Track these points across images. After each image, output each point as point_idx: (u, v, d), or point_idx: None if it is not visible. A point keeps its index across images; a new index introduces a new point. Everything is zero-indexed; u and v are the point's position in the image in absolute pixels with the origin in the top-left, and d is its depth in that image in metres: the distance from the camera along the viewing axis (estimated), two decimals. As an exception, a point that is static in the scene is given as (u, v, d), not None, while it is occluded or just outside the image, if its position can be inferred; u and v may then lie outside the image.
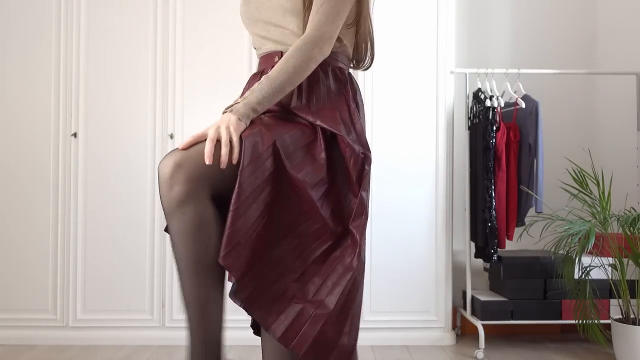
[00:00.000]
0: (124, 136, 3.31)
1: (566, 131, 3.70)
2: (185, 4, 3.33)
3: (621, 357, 2.89)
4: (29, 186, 3.30)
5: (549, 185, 3.32)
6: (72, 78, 3.31)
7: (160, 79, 3.32)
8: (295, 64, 1.51)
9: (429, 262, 3.30)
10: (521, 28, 3.79)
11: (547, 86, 3.66)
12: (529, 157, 3.26)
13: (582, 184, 3.02)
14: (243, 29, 3.32)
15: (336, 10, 1.56)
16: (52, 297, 3.29)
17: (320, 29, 1.55)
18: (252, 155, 1.42)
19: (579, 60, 3.74)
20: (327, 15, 1.55)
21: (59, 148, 3.30)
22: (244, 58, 3.33)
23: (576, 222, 2.99)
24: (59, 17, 3.31)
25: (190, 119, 3.32)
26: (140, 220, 3.29)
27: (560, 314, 3.26)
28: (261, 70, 1.69)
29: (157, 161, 3.30)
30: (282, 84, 1.50)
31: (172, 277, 3.29)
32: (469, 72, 3.39)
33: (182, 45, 3.32)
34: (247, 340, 3.29)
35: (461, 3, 3.72)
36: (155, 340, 3.28)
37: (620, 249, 2.93)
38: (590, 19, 3.78)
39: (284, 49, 1.64)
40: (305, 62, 1.52)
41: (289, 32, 1.63)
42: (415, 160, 3.31)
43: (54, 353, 3.13)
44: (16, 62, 3.32)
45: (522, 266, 3.29)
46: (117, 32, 3.33)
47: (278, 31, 1.65)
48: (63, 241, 3.29)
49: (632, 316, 2.93)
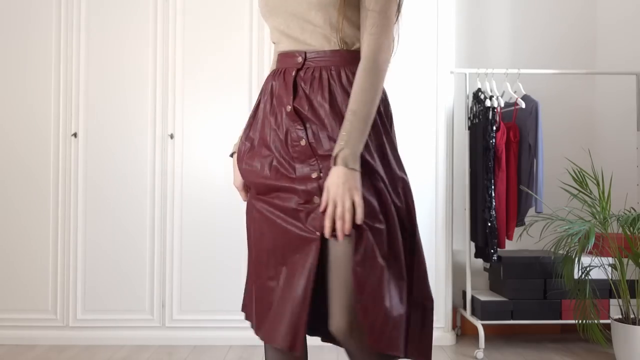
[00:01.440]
0: (124, 136, 3.31)
1: (566, 131, 3.70)
2: (185, 4, 3.33)
3: (621, 357, 2.89)
4: (29, 186, 3.30)
5: (549, 185, 3.32)
6: (72, 78, 3.31)
7: (161, 79, 3.32)
8: (373, 88, 1.48)
9: (429, 262, 3.27)
10: (521, 28, 3.79)
11: (547, 86, 3.66)
12: (529, 157, 3.26)
13: (582, 184, 3.02)
14: (244, 29, 3.33)
15: (387, 14, 1.50)
16: (52, 297, 3.29)
17: (377, 41, 1.49)
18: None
19: (579, 60, 3.74)
20: (380, 25, 1.49)
21: (59, 148, 3.30)
22: (245, 58, 3.32)
23: (576, 222, 2.99)
24: (59, 18, 3.31)
25: (190, 119, 3.32)
26: (140, 220, 3.29)
27: (560, 314, 3.26)
28: (282, 69, 1.58)
29: (157, 161, 3.30)
30: (370, 114, 1.46)
31: (172, 277, 3.29)
32: (469, 72, 3.40)
33: (182, 45, 3.32)
34: (247, 340, 3.30)
35: (461, 3, 3.72)
36: (155, 340, 3.28)
37: (620, 249, 2.93)
38: (590, 19, 3.78)
39: (306, 49, 1.54)
40: (379, 80, 1.50)
41: (311, 28, 1.52)
42: (415, 160, 3.31)
43: (54, 353, 3.13)
44: (16, 63, 3.32)
45: (522, 266, 3.29)
46: (118, 32, 3.33)
47: (299, 26, 1.54)
48: (63, 241, 3.29)
49: (632, 316, 2.93)
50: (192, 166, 3.32)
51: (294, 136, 1.48)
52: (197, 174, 3.32)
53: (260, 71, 3.31)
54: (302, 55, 1.54)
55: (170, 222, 3.30)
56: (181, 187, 3.31)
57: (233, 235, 3.28)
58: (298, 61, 1.54)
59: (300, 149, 1.47)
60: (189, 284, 3.29)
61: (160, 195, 3.30)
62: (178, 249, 3.29)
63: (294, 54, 1.56)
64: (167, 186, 3.31)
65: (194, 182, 3.31)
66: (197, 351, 3.18)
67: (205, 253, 3.30)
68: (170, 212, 3.30)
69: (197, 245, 3.30)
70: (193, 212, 3.30)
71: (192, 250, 3.30)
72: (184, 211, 3.30)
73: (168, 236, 3.30)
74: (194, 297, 3.29)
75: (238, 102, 3.32)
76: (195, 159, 3.32)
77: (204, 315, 3.28)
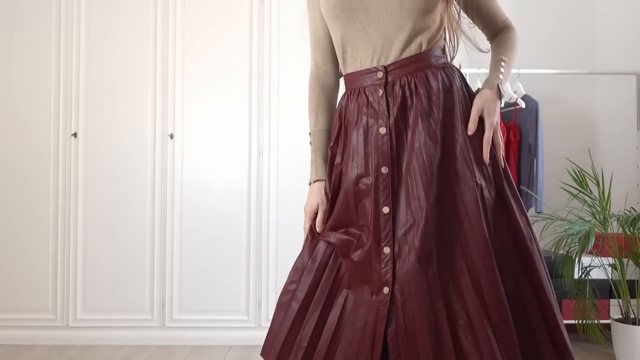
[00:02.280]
0: (124, 136, 3.31)
1: (566, 131, 3.70)
2: (185, 4, 3.33)
3: (621, 357, 2.89)
4: (30, 186, 3.30)
5: (549, 185, 3.32)
6: (73, 78, 3.31)
7: (161, 79, 3.32)
8: (516, 53, 1.74)
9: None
10: (521, 28, 3.76)
11: (547, 86, 3.66)
12: (529, 157, 3.26)
13: (582, 184, 3.02)
14: (244, 30, 3.32)
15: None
16: (52, 297, 3.29)
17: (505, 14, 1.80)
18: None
19: (579, 61, 3.74)
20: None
21: (59, 148, 3.30)
22: (245, 58, 3.32)
23: (576, 222, 2.99)
24: (59, 18, 3.31)
25: (190, 119, 3.32)
26: (140, 220, 3.29)
27: (560, 314, 3.26)
28: (361, 97, 1.48)
29: (157, 161, 3.30)
30: (511, 71, 1.67)
31: (172, 277, 3.29)
32: (469, 72, 3.39)
33: (182, 45, 3.32)
34: (247, 340, 3.30)
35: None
36: (155, 340, 3.28)
37: (620, 249, 2.93)
38: (590, 19, 3.78)
39: (384, 61, 1.46)
40: (518, 48, 1.76)
41: (393, 38, 1.46)
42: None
43: (54, 353, 3.13)
44: (17, 63, 3.32)
45: (522, 266, 3.28)
46: (117, 32, 3.33)
47: (380, 35, 1.46)
48: (63, 241, 3.29)
49: (632, 316, 2.93)
50: (192, 166, 3.32)
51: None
52: (197, 174, 3.32)
53: (260, 71, 3.31)
54: (382, 71, 1.51)
55: (170, 222, 3.30)
56: (181, 187, 3.31)
57: (233, 234, 3.28)
58: (379, 78, 1.50)
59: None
60: (189, 284, 3.29)
61: (160, 195, 3.30)
62: (178, 248, 3.29)
63: (371, 72, 1.54)
64: (167, 186, 3.31)
65: (194, 182, 3.31)
66: (197, 351, 3.18)
67: (205, 253, 3.30)
68: (170, 212, 3.30)
69: (197, 245, 3.30)
70: (193, 212, 3.30)
71: (192, 250, 3.30)
72: (184, 211, 3.30)
73: (168, 236, 3.30)
74: (194, 297, 3.29)
75: (238, 102, 3.32)
76: (195, 159, 3.32)
77: (204, 315, 3.28)
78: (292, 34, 3.27)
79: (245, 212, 3.30)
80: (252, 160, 3.32)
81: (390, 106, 1.45)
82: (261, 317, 3.25)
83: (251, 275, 3.29)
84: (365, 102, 1.48)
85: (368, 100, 1.48)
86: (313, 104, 1.63)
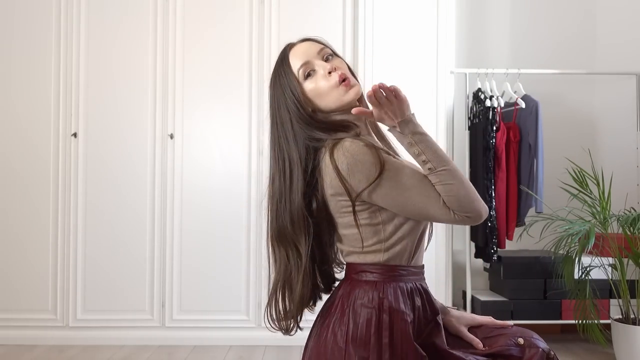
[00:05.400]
0: (124, 136, 3.31)
1: (566, 131, 3.70)
2: (185, 4, 3.33)
3: (621, 357, 2.89)
4: (30, 186, 3.30)
5: (549, 185, 3.32)
6: (72, 78, 3.31)
7: (161, 79, 3.32)
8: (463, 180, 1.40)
9: (429, 262, 3.29)
10: (521, 28, 3.79)
11: (547, 86, 3.66)
12: (529, 157, 3.26)
13: (582, 184, 3.02)
14: (244, 30, 3.32)
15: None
16: (52, 297, 3.29)
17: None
18: None
19: (579, 61, 3.74)
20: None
21: (59, 148, 3.30)
22: (244, 59, 3.32)
23: (576, 222, 2.99)
24: (59, 18, 3.31)
25: (190, 119, 3.32)
26: (140, 220, 3.29)
27: (560, 314, 3.26)
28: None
29: (157, 161, 3.30)
30: (446, 158, 1.41)
31: (172, 277, 3.29)
32: (469, 72, 3.40)
33: (182, 46, 3.32)
34: (247, 340, 3.31)
35: (461, 3, 3.72)
36: (155, 340, 3.28)
37: (620, 249, 2.93)
38: (590, 19, 3.78)
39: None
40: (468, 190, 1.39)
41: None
42: (415, 160, 3.30)
43: (54, 353, 3.13)
44: (17, 63, 3.32)
45: (522, 266, 3.29)
46: (118, 32, 3.33)
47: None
48: (63, 241, 3.29)
49: (632, 316, 2.93)
50: (192, 166, 3.32)
51: None
52: (197, 174, 3.32)
53: (260, 71, 3.31)
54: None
55: (170, 222, 3.30)
56: (181, 187, 3.31)
57: (233, 234, 3.28)
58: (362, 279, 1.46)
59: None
60: (189, 284, 3.29)
61: (160, 195, 3.30)
62: (178, 248, 3.29)
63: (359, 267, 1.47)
64: (167, 186, 3.31)
65: (194, 182, 3.31)
66: (197, 351, 3.18)
67: (205, 253, 3.30)
68: (170, 212, 3.30)
69: (197, 245, 3.30)
70: (193, 212, 3.30)
71: (192, 250, 3.30)
72: (184, 211, 3.30)
73: (168, 236, 3.30)
74: (194, 297, 3.29)
75: (238, 102, 3.32)
76: (195, 158, 3.32)
77: (204, 315, 3.28)
78: (292, 34, 3.27)
79: (245, 212, 3.30)
80: (252, 160, 3.32)
81: None
82: (261, 317, 3.25)
83: (251, 275, 3.29)
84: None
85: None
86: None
